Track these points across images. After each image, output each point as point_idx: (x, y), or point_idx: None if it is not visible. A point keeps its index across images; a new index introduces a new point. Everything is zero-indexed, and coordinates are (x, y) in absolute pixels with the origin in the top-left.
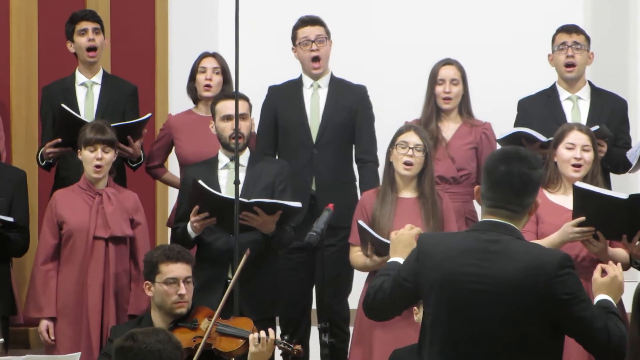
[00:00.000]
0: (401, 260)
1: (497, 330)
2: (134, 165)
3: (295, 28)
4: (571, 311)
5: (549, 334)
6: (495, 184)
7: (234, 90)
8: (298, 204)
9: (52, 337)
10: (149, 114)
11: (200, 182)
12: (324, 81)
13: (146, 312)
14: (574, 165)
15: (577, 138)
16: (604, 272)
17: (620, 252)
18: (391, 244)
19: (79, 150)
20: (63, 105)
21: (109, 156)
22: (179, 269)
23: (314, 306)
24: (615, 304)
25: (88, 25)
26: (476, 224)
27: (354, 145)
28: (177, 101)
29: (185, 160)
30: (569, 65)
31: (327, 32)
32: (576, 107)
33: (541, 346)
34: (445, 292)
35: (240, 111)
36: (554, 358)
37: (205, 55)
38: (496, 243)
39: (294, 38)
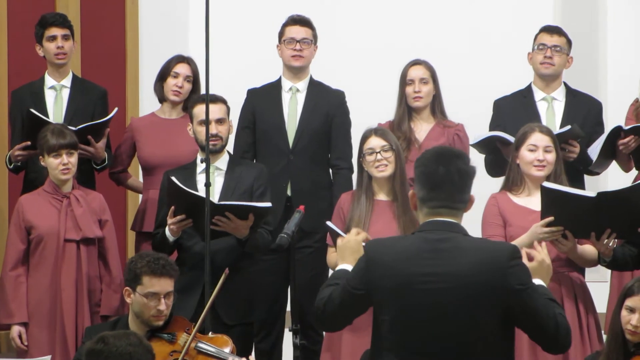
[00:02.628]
0: (349, 268)
1: (457, 326)
2: (98, 167)
3: (284, 25)
4: (524, 301)
5: (503, 326)
6: (438, 185)
7: (208, 92)
8: (267, 204)
9: (25, 343)
10: (116, 109)
11: (173, 178)
12: (303, 85)
13: (119, 313)
14: (536, 166)
15: (538, 139)
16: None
17: (588, 249)
18: (338, 250)
19: (41, 157)
20: (32, 110)
21: (74, 159)
22: (162, 284)
23: (288, 308)
24: (546, 286)
25: (57, 31)
26: (422, 224)
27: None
28: (148, 104)
29: (146, 163)
30: (545, 63)
31: (314, 36)
32: (551, 107)
33: (497, 338)
34: (402, 296)
35: (219, 115)
36: (509, 349)
37: (180, 60)
38: (445, 241)
39: (280, 35)
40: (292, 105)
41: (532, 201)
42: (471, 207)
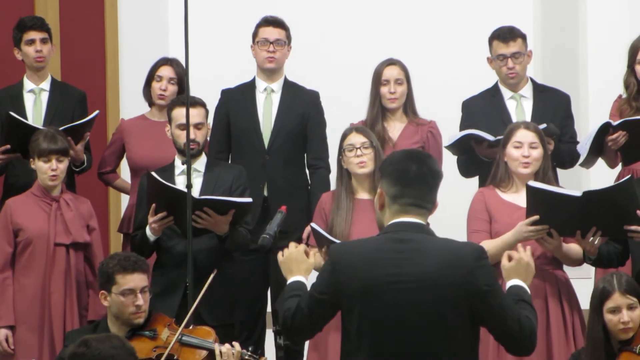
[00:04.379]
0: (302, 279)
1: (424, 326)
2: (77, 169)
3: (258, 26)
4: (489, 302)
5: (469, 325)
6: (411, 183)
7: (189, 94)
8: (248, 200)
9: (12, 347)
10: (97, 111)
11: (154, 174)
12: (277, 85)
13: (103, 317)
14: (523, 163)
15: (523, 136)
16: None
17: (574, 247)
18: (282, 265)
19: (31, 160)
20: (11, 113)
21: (63, 165)
22: (136, 280)
23: (269, 309)
24: (526, 287)
25: (36, 35)
26: (388, 226)
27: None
28: (128, 106)
29: (135, 164)
30: (510, 73)
31: (288, 37)
32: (520, 105)
33: (464, 338)
34: (369, 297)
35: (197, 120)
36: (474, 348)
37: (163, 63)
38: (411, 242)
39: (254, 35)
40: (267, 106)
41: (519, 198)
42: (434, 211)
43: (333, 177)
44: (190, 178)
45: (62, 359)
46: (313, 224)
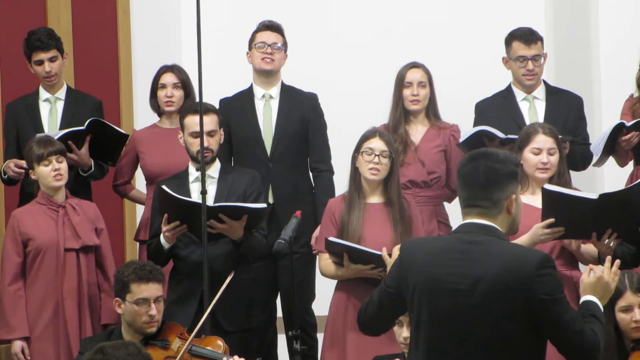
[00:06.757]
0: None
1: (478, 330)
2: (85, 174)
3: (255, 32)
4: (549, 312)
5: (530, 334)
6: (464, 181)
7: (202, 103)
8: (262, 205)
9: (28, 358)
10: (127, 135)
11: (163, 187)
12: (275, 91)
13: (116, 324)
14: (540, 169)
15: (542, 142)
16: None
17: (590, 248)
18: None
19: (30, 171)
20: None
21: (64, 165)
22: (150, 289)
23: (279, 314)
24: (601, 305)
25: (43, 55)
26: (458, 226)
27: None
28: (142, 114)
29: (150, 172)
30: (528, 75)
31: (285, 43)
32: (533, 107)
33: (523, 346)
34: (427, 294)
35: (210, 127)
36: (537, 359)
37: (164, 70)
38: (477, 244)
39: (251, 41)
40: (267, 113)
41: (535, 199)
42: (512, 209)
43: (336, 178)
44: (204, 184)
45: None
46: (331, 238)
